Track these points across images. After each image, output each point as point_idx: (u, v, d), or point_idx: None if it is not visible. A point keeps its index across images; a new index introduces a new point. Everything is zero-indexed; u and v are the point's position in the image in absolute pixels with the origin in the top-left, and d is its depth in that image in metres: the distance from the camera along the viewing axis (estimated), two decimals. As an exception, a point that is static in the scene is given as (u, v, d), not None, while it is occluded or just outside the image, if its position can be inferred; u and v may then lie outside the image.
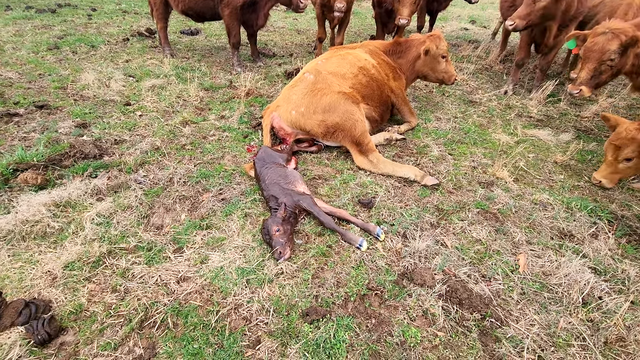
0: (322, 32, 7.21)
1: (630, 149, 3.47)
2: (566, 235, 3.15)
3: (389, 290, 2.56)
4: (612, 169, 3.67)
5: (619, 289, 2.64)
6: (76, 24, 8.96)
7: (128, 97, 5.29)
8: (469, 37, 9.92)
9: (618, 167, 3.64)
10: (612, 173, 3.68)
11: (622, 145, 3.51)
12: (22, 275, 2.56)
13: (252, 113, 5.04)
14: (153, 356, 2.13)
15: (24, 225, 2.91)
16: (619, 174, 3.68)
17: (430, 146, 4.44)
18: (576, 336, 2.31)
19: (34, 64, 6.21)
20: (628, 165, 3.58)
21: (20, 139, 4.11)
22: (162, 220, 3.13)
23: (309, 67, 4.39)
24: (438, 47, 4.66)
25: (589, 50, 4.11)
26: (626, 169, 3.61)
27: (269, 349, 2.17)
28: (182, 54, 7.38)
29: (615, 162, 3.62)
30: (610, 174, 3.69)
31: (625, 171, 3.64)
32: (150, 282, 2.56)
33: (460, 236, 3.08)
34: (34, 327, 2.17)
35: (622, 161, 3.58)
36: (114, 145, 4.13)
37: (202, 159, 3.99)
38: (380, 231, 2.98)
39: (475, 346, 2.24)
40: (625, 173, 3.67)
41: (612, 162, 3.65)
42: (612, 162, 3.65)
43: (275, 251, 2.69)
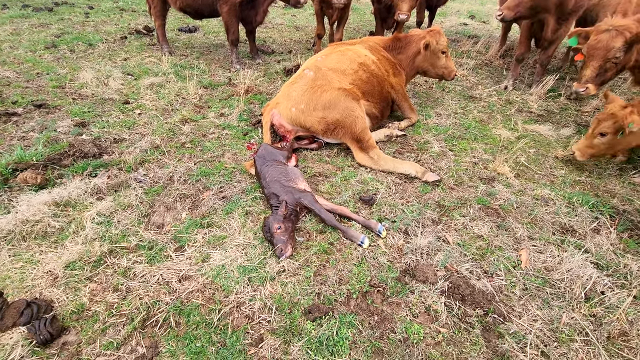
0: (321, 28, 7.17)
1: (607, 124, 3.57)
2: (568, 230, 3.15)
3: (391, 287, 2.56)
4: (588, 143, 3.78)
5: (621, 284, 2.64)
6: (73, 22, 8.91)
7: (127, 96, 5.26)
8: (468, 32, 9.87)
9: (593, 142, 3.73)
10: (587, 147, 3.79)
11: (602, 120, 3.61)
12: (23, 275, 2.55)
13: (251, 110, 5.01)
14: (156, 355, 2.13)
15: (25, 225, 2.90)
16: (592, 149, 3.77)
17: (430, 142, 4.43)
18: (579, 331, 2.31)
19: (31, 63, 6.17)
20: (602, 141, 3.68)
21: (19, 138, 4.09)
22: (163, 219, 3.12)
23: (309, 63, 4.36)
24: (438, 43, 4.64)
25: (593, 48, 4.09)
26: (600, 144, 3.71)
27: (271, 347, 2.17)
28: (180, 52, 7.34)
29: (592, 137, 3.72)
30: (585, 147, 3.80)
31: (599, 147, 3.73)
32: (151, 281, 2.55)
33: (462, 232, 3.07)
34: (36, 327, 2.17)
35: (597, 135, 3.67)
36: (114, 144, 4.11)
37: (202, 157, 3.97)
38: (381, 228, 2.97)
39: (478, 342, 2.24)
40: (598, 149, 3.75)
41: (589, 136, 3.77)
42: (589, 136, 3.77)
43: (276, 249, 2.68)
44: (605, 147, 3.72)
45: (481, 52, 7.97)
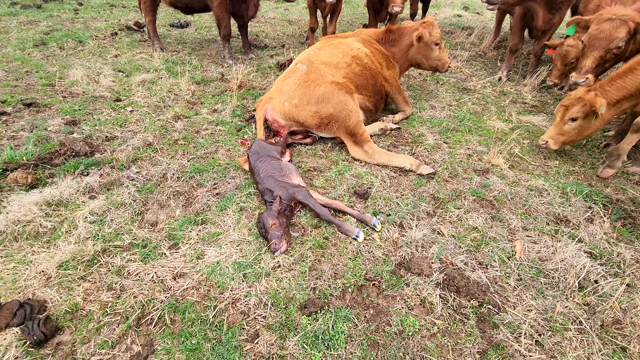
0: (313, 21, 7.11)
1: (576, 108, 3.57)
2: (562, 220, 3.16)
3: (386, 280, 2.56)
4: (559, 130, 3.79)
5: (614, 273, 2.66)
6: (62, 19, 8.77)
7: (118, 93, 5.20)
8: (462, 23, 9.83)
9: (564, 128, 3.74)
10: (558, 134, 3.80)
11: (569, 105, 3.62)
12: (15, 276, 2.53)
13: (244, 106, 4.97)
14: (151, 353, 2.12)
15: (16, 225, 2.87)
16: (564, 135, 3.78)
17: (425, 135, 4.42)
18: (573, 320, 2.33)
19: (20, 61, 6.08)
20: (573, 127, 3.69)
21: (9, 138, 4.03)
22: (157, 216, 3.09)
23: (302, 57, 4.32)
24: (431, 34, 4.61)
25: (595, 38, 4.00)
26: (571, 130, 3.72)
27: (267, 343, 2.17)
28: (172, 48, 7.25)
29: (562, 123, 3.73)
30: (556, 135, 3.81)
31: (570, 132, 3.74)
32: (146, 279, 2.53)
33: (457, 224, 3.08)
34: (29, 327, 2.15)
35: (568, 121, 3.68)
36: (105, 142, 4.07)
37: (196, 153, 3.94)
38: (376, 222, 2.97)
39: (473, 333, 2.25)
40: (569, 135, 3.77)
41: (559, 123, 3.76)
42: (559, 123, 3.76)
43: (271, 244, 2.67)
44: (577, 133, 3.73)
45: (475, 44, 7.95)
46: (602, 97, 3.45)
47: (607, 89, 3.48)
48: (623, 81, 3.41)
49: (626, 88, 3.41)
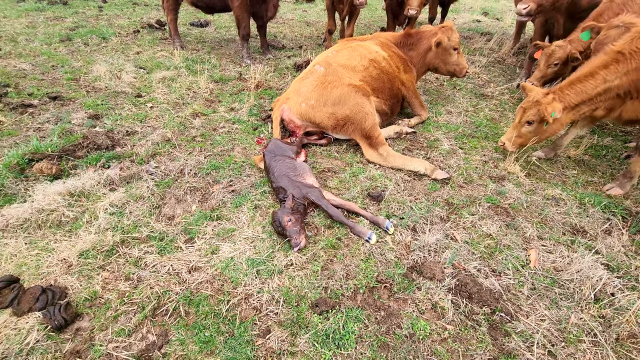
0: (332, 23, 7.15)
1: (532, 112, 3.55)
2: (579, 231, 3.11)
3: (398, 283, 2.57)
4: (516, 132, 3.77)
5: (632, 286, 2.61)
6: (87, 16, 9.02)
7: (139, 89, 5.33)
8: (481, 29, 9.74)
9: (521, 131, 3.72)
10: (516, 136, 3.78)
11: (527, 108, 3.60)
12: (38, 262, 2.62)
13: (261, 105, 5.04)
14: (166, 343, 2.18)
15: (40, 214, 2.98)
16: (521, 137, 3.77)
17: (440, 140, 4.40)
18: (587, 332, 2.30)
19: (46, 56, 6.28)
20: (529, 130, 3.67)
21: (35, 129, 4.18)
22: (174, 210, 3.17)
23: (320, 59, 4.36)
24: (450, 39, 4.59)
25: (600, 43, 3.99)
26: (527, 133, 3.70)
27: (279, 339, 2.20)
28: (192, 46, 7.39)
29: (520, 126, 3.71)
30: (514, 137, 3.80)
31: (527, 135, 3.73)
32: (162, 271, 2.60)
33: (471, 230, 3.06)
34: (51, 312, 2.23)
35: (524, 124, 3.67)
36: (126, 136, 4.18)
37: (212, 150, 4.01)
38: (389, 224, 2.98)
39: (484, 340, 2.24)
40: (526, 138, 3.75)
41: (516, 126, 3.75)
42: (516, 126, 3.75)
43: (291, 240, 2.71)
44: (532, 135, 3.72)
45: (494, 50, 7.87)
46: (559, 101, 3.42)
47: (566, 92, 3.45)
48: (583, 85, 3.38)
49: (586, 92, 3.38)
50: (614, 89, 3.32)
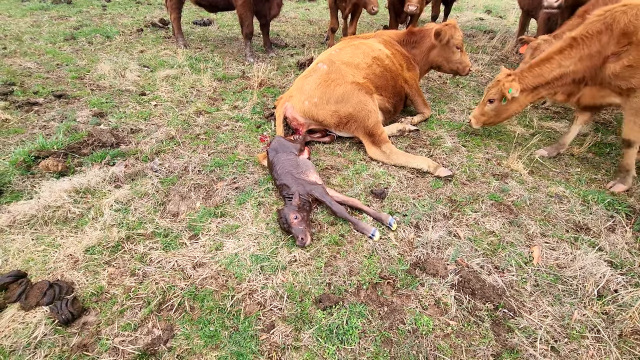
0: (334, 22, 7.16)
1: (493, 91, 3.75)
2: (582, 228, 3.11)
3: (401, 279, 2.58)
4: (480, 110, 3.98)
5: (635, 283, 2.61)
6: (91, 15, 9.07)
7: (143, 87, 5.36)
8: (484, 27, 9.71)
9: (484, 109, 3.93)
10: (480, 114, 4.00)
11: (490, 87, 3.81)
12: (45, 258, 2.66)
13: (264, 103, 5.06)
14: (171, 337, 2.20)
15: (46, 210, 3.01)
16: (484, 115, 3.97)
17: (443, 138, 4.41)
18: (590, 328, 2.30)
19: (51, 54, 6.33)
20: (491, 108, 3.85)
21: (41, 127, 4.22)
22: (178, 207, 3.19)
23: (323, 57, 4.37)
24: (453, 37, 4.59)
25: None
26: (490, 111, 3.89)
27: (283, 334, 2.22)
28: (195, 45, 7.42)
29: (483, 104, 3.92)
30: (478, 115, 4.02)
31: (489, 114, 3.92)
32: (167, 267, 2.62)
33: (474, 227, 3.07)
34: (58, 307, 2.26)
35: (487, 102, 3.86)
36: (130, 134, 4.21)
37: (216, 148, 4.03)
38: (392, 220, 2.99)
39: (487, 335, 2.25)
40: (489, 116, 3.94)
41: (481, 104, 3.96)
42: (481, 104, 3.96)
43: (297, 238, 2.74)
44: (495, 114, 3.89)
45: (497, 48, 7.84)
46: (517, 82, 3.54)
47: (525, 75, 3.58)
48: (540, 69, 3.50)
49: (542, 76, 3.50)
50: (570, 74, 3.43)
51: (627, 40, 3.16)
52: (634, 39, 3.12)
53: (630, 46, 3.15)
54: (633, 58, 3.14)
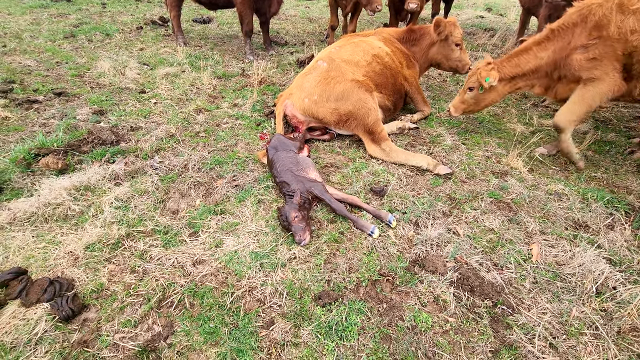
0: (334, 20, 7.14)
1: (472, 79, 3.82)
2: (581, 225, 3.12)
3: (400, 276, 2.59)
4: (460, 98, 4.04)
5: (634, 280, 2.61)
6: (91, 13, 9.06)
7: (143, 85, 5.36)
8: (484, 25, 9.69)
9: (464, 97, 4.00)
10: (459, 102, 4.06)
11: (470, 76, 3.89)
12: (46, 255, 2.66)
13: (264, 101, 5.05)
14: (171, 334, 2.21)
15: (47, 207, 3.02)
16: (464, 104, 4.03)
17: (443, 135, 4.41)
18: (589, 325, 2.31)
19: (51, 52, 6.32)
20: (470, 96, 3.93)
21: (41, 125, 4.22)
22: (178, 205, 3.20)
23: (323, 54, 4.37)
24: (452, 34, 4.58)
25: None
26: (469, 99, 3.96)
27: (282, 330, 2.23)
28: (195, 43, 7.41)
29: (463, 92, 3.99)
30: (458, 103, 4.08)
31: (469, 101, 3.99)
32: (167, 264, 2.63)
33: (473, 225, 3.07)
34: (58, 303, 2.27)
35: (467, 90, 3.93)
36: (130, 131, 4.21)
37: (216, 146, 4.04)
38: (392, 218, 2.99)
39: (486, 332, 2.26)
40: (468, 104, 4.02)
41: (462, 92, 4.02)
42: (462, 92, 4.02)
43: (296, 236, 2.75)
44: (474, 102, 3.97)
45: (497, 46, 7.83)
46: (497, 71, 3.60)
47: (504, 64, 3.68)
48: (518, 59, 3.59)
49: (520, 66, 3.60)
50: (544, 66, 3.52)
51: (597, 34, 3.24)
52: (604, 33, 3.21)
53: (599, 40, 3.24)
54: (599, 52, 3.25)
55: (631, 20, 3.14)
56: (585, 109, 3.50)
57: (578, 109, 3.51)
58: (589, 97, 3.43)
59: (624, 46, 3.20)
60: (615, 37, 3.20)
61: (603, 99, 3.43)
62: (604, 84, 3.35)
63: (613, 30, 3.19)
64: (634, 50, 3.19)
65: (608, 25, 3.19)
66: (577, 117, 3.56)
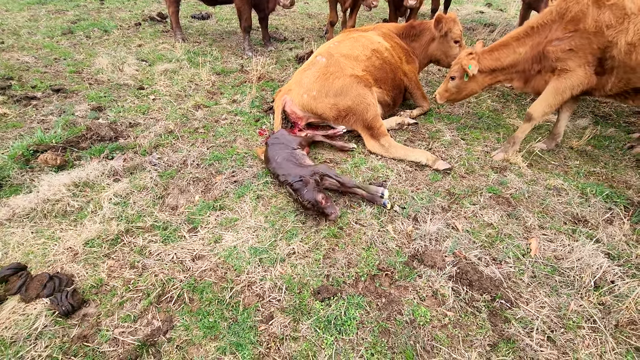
0: (333, 15, 7.11)
1: (455, 68, 3.91)
2: (580, 220, 3.12)
3: (399, 271, 2.59)
4: (444, 87, 4.11)
5: (632, 274, 2.62)
6: (89, 9, 9.01)
7: (141, 81, 5.34)
8: (484, 20, 9.63)
9: (447, 85, 4.06)
10: (444, 90, 4.12)
11: (453, 64, 3.95)
12: (45, 251, 2.67)
13: (263, 97, 5.04)
14: (171, 329, 2.22)
15: (46, 204, 3.02)
16: (447, 92, 4.10)
17: (442, 131, 4.40)
18: (587, 318, 2.32)
19: (49, 49, 6.30)
20: (453, 85, 4.00)
21: (39, 121, 4.21)
22: (177, 201, 3.20)
23: (322, 49, 4.35)
24: (451, 30, 4.56)
25: None
26: (452, 87, 4.02)
27: (281, 324, 2.24)
28: (193, 39, 7.38)
29: (446, 80, 4.06)
30: (442, 91, 4.14)
31: (451, 90, 4.05)
32: (166, 259, 2.64)
33: (472, 220, 3.08)
34: (58, 299, 2.28)
35: (449, 79, 3.98)
36: (129, 128, 4.20)
37: (215, 142, 4.03)
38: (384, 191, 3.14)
39: (484, 326, 2.26)
40: (451, 92, 4.08)
41: (445, 81, 4.09)
42: (445, 81, 4.09)
43: (332, 214, 2.86)
44: (456, 91, 4.03)
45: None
46: (477, 61, 3.69)
47: (485, 56, 3.75)
48: (498, 53, 3.69)
49: (499, 60, 3.69)
50: (522, 62, 3.61)
51: (574, 27, 3.31)
52: (581, 26, 3.26)
53: (575, 33, 3.30)
54: (574, 44, 3.32)
55: (607, 15, 3.19)
56: (558, 100, 3.56)
57: (552, 100, 3.58)
58: (561, 89, 3.49)
59: (599, 40, 3.25)
60: (592, 30, 3.24)
61: (574, 91, 3.49)
62: (576, 76, 3.41)
63: (590, 24, 3.23)
64: (609, 45, 3.23)
65: (585, 19, 3.25)
66: (550, 109, 3.65)
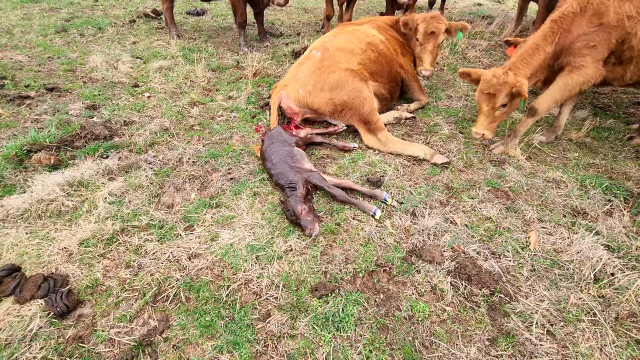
0: (330, 9, 7.03)
1: (504, 93, 3.39)
2: (579, 212, 3.10)
3: (397, 266, 2.57)
4: (491, 119, 3.58)
5: (632, 266, 2.60)
6: (82, 7, 8.92)
7: (136, 79, 5.29)
8: (482, 12, 9.55)
9: (495, 115, 3.56)
10: (490, 123, 3.61)
11: (496, 92, 3.40)
12: (39, 251, 2.64)
13: (259, 93, 4.99)
14: (167, 328, 2.20)
15: (40, 204, 2.98)
16: (496, 122, 3.64)
17: (440, 125, 4.36)
18: (587, 311, 2.30)
19: (42, 47, 6.23)
20: (503, 111, 3.54)
21: (33, 120, 4.17)
22: (173, 199, 3.17)
23: (317, 44, 4.30)
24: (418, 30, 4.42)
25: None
26: (502, 115, 3.59)
27: (279, 322, 2.22)
28: (188, 35, 7.30)
29: (492, 111, 3.53)
30: (489, 125, 3.61)
31: (501, 117, 3.63)
32: (162, 258, 2.61)
33: (470, 214, 3.05)
34: (53, 299, 2.25)
35: (499, 108, 3.50)
36: (124, 126, 4.16)
37: (211, 139, 3.99)
38: (387, 196, 3.06)
39: (483, 320, 2.25)
40: (500, 119, 3.67)
41: (489, 112, 3.54)
42: (489, 112, 3.54)
43: (306, 229, 2.72)
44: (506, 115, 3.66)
45: (495, 33, 7.72)
46: (520, 76, 3.40)
47: (519, 66, 3.47)
48: (530, 57, 3.48)
49: (532, 64, 3.49)
50: (548, 59, 3.49)
51: (598, 21, 3.23)
52: (604, 20, 3.19)
53: (600, 27, 3.22)
54: (598, 39, 3.24)
55: (627, 5, 3.14)
56: (565, 96, 3.50)
57: (559, 96, 3.51)
58: (571, 85, 3.43)
59: (619, 33, 3.19)
60: (613, 24, 3.18)
61: (583, 87, 3.44)
62: (589, 72, 3.36)
63: (612, 17, 3.17)
64: (626, 37, 3.18)
65: (607, 12, 3.18)
66: (555, 104, 3.58)
